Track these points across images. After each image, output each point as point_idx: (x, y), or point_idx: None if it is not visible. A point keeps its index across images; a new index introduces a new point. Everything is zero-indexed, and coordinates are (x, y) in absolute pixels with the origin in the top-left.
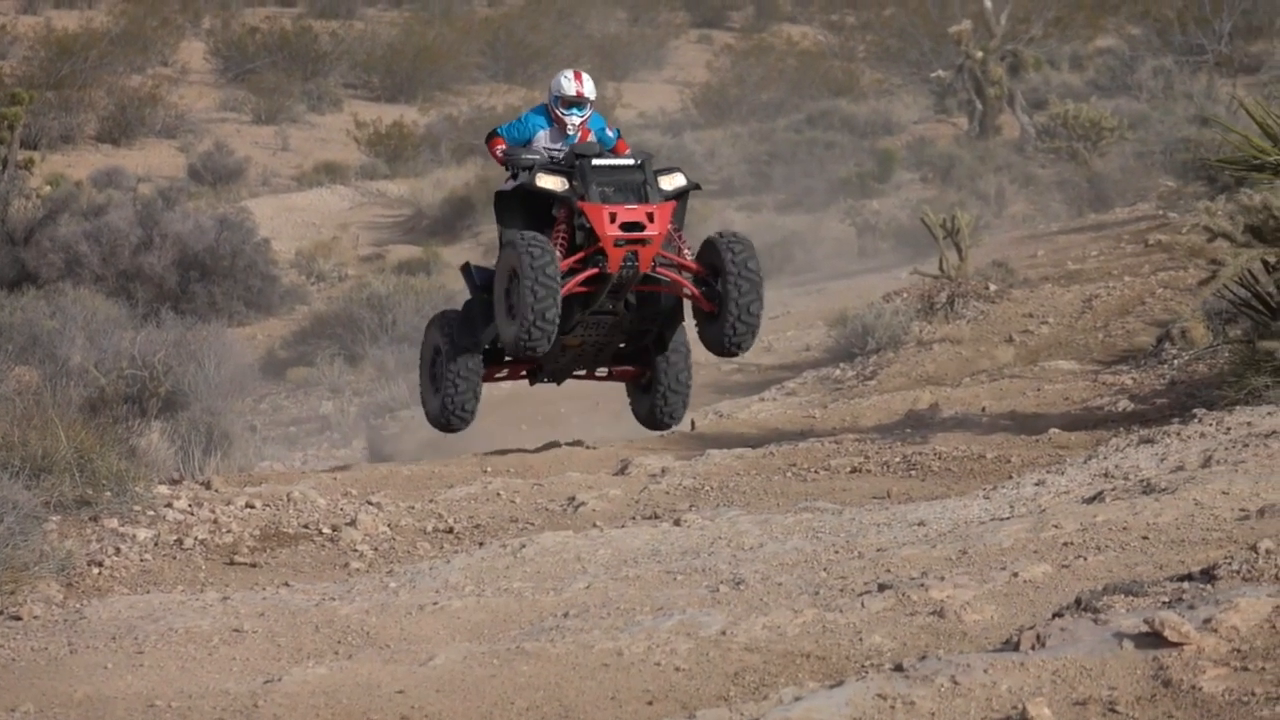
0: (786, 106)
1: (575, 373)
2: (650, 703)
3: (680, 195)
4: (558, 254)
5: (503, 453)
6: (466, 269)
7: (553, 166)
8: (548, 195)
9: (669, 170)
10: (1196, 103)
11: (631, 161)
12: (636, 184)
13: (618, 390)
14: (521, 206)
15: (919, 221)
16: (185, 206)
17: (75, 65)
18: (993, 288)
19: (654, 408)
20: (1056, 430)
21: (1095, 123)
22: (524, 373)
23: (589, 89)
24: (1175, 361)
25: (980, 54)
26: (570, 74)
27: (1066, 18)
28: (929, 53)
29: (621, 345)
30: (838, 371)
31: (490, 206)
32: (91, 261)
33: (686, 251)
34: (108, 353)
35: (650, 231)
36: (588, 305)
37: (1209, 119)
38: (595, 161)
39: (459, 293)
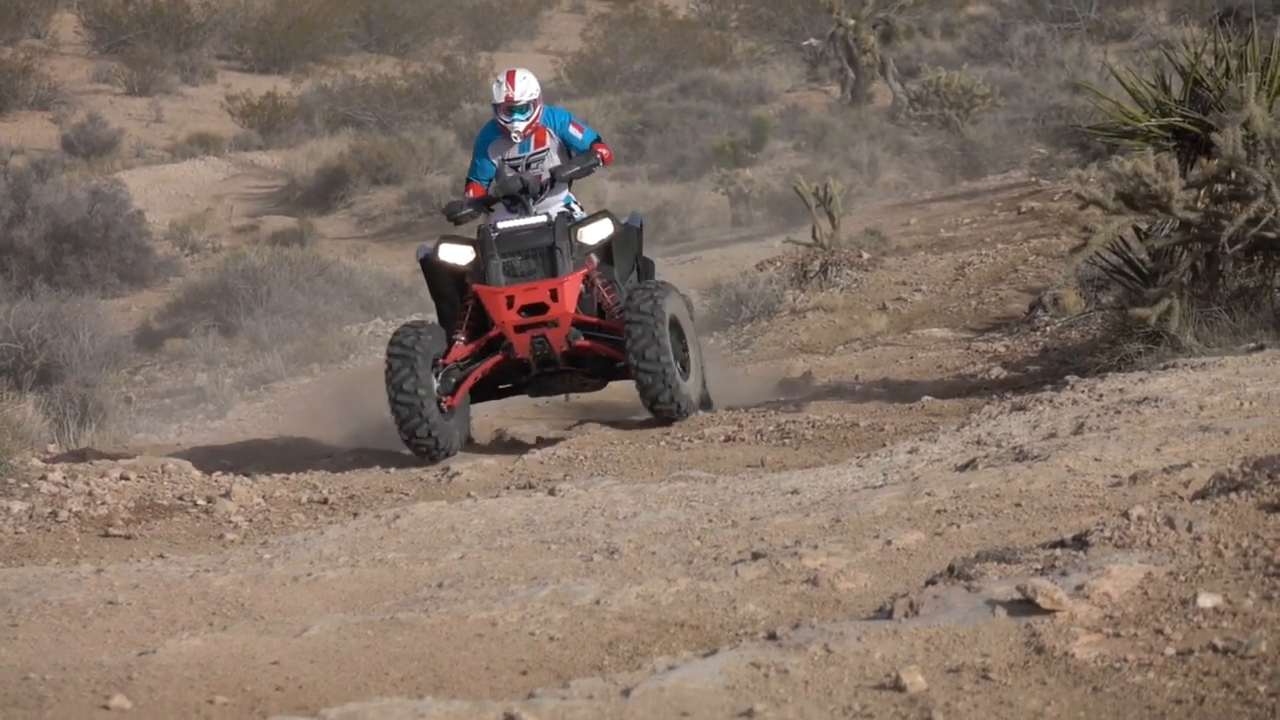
0: (659, 75)
1: None
2: (524, 672)
3: (609, 244)
4: (453, 343)
5: None
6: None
7: (457, 237)
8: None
9: (595, 218)
10: (1068, 70)
11: (542, 220)
12: (545, 249)
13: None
14: (442, 271)
15: (792, 190)
16: (58, 179)
17: None
18: (866, 256)
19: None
20: (930, 398)
21: (967, 90)
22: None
23: (520, 90)
24: (1048, 328)
25: (852, 22)
26: (501, 78)
27: None
28: (801, 21)
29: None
30: (712, 340)
31: (362, 177)
32: None
33: (613, 305)
34: None
35: (555, 313)
36: (523, 370)
37: (1080, 86)
38: (501, 225)
39: (332, 263)
